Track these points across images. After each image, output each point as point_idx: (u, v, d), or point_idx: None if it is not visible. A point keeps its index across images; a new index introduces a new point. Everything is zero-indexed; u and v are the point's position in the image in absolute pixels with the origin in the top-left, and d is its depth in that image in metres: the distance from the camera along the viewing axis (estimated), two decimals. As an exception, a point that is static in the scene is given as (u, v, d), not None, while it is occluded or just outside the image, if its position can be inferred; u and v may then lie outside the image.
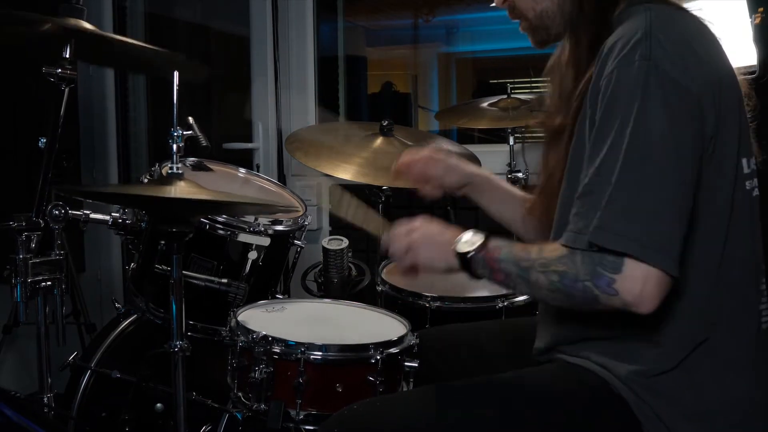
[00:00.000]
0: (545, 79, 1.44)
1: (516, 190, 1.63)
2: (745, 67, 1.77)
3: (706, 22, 1.24)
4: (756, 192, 1.24)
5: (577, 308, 1.18)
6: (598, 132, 1.14)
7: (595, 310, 1.14)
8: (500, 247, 1.23)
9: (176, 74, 1.46)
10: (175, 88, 1.47)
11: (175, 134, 1.48)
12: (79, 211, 1.87)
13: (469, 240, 1.26)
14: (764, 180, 1.27)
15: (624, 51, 1.13)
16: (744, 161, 1.21)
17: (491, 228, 1.71)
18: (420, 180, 1.64)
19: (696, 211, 1.13)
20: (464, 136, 3.51)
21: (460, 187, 1.63)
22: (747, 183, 1.22)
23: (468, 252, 1.24)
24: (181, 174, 1.48)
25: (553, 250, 1.16)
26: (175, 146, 1.48)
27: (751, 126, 1.26)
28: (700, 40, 1.19)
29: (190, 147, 1.71)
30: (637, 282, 1.07)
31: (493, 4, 1.42)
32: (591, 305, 1.12)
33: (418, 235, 1.32)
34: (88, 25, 1.85)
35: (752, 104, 1.27)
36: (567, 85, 1.30)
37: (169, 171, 1.48)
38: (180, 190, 1.44)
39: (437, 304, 1.92)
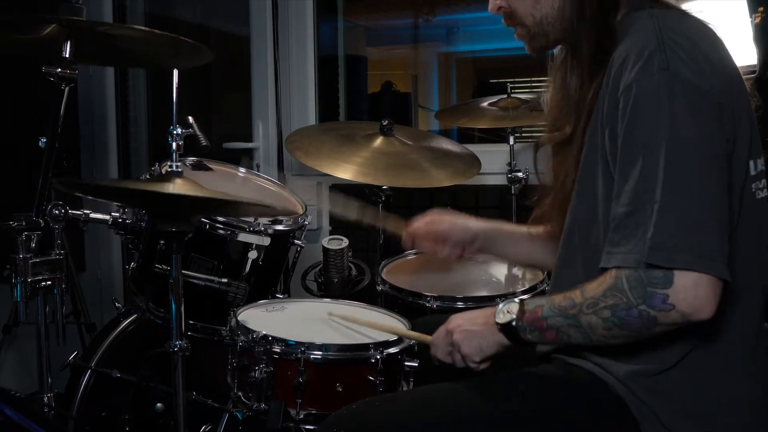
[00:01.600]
0: (546, 79, 1.43)
1: (522, 229, 1.64)
2: (745, 67, 1.78)
3: (710, 25, 1.24)
4: (762, 194, 1.24)
5: (637, 339, 1.15)
6: (626, 147, 1.13)
7: (657, 333, 1.12)
8: (540, 305, 1.21)
9: (176, 72, 1.46)
10: (175, 84, 1.46)
11: (175, 132, 1.48)
12: (79, 210, 1.87)
13: (504, 309, 1.26)
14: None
15: (640, 62, 1.12)
16: (751, 163, 1.21)
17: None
18: (431, 243, 1.66)
19: None
20: (464, 136, 3.51)
21: (471, 243, 1.64)
22: (753, 185, 1.22)
23: (510, 321, 1.24)
24: (180, 172, 1.48)
25: (597, 285, 1.14)
26: (174, 144, 1.48)
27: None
28: (708, 44, 1.19)
29: (190, 146, 1.71)
30: (690, 290, 1.06)
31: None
32: (651, 329, 1.11)
33: (457, 334, 1.33)
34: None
35: (755, 103, 1.27)
36: (572, 94, 1.30)
37: (169, 169, 1.48)
38: (178, 187, 1.43)
39: (437, 303, 1.92)
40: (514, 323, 1.24)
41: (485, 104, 2.66)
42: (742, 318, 1.21)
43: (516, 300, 1.26)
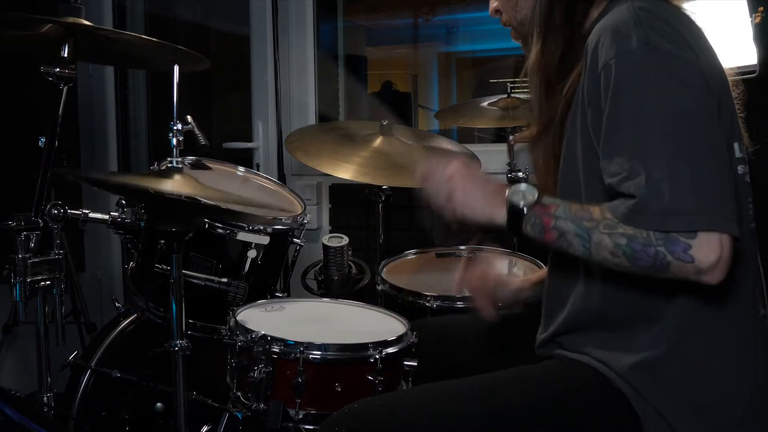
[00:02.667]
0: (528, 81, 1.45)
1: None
2: (745, 67, 1.77)
3: (689, 12, 1.25)
4: (747, 178, 1.25)
5: (637, 274, 1.11)
6: (612, 123, 1.12)
7: (658, 278, 1.09)
8: (556, 203, 1.16)
9: (176, 68, 1.45)
10: (175, 81, 1.46)
11: (175, 128, 1.48)
12: (78, 210, 1.87)
13: (523, 191, 1.17)
14: (764, 175, 1.28)
15: (618, 39, 1.12)
16: (735, 145, 1.22)
17: (489, 229, 1.72)
18: (481, 298, 1.56)
19: None
20: (464, 136, 3.51)
21: (518, 300, 1.59)
22: (739, 167, 1.23)
23: (520, 204, 1.16)
24: (181, 168, 1.48)
25: (621, 211, 1.10)
26: (174, 139, 1.47)
27: (740, 116, 1.27)
28: (686, 29, 1.19)
29: (189, 146, 1.71)
30: (714, 248, 1.04)
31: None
32: (658, 272, 1.08)
33: (458, 181, 1.23)
34: (86, 23, 1.85)
35: (738, 92, 1.28)
36: (537, 90, 1.32)
37: (169, 165, 1.48)
38: (178, 185, 1.43)
39: (437, 303, 1.92)
40: (523, 207, 1.16)
41: (485, 104, 2.66)
42: (736, 301, 1.21)
43: (536, 188, 1.18)
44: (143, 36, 1.94)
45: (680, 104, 1.09)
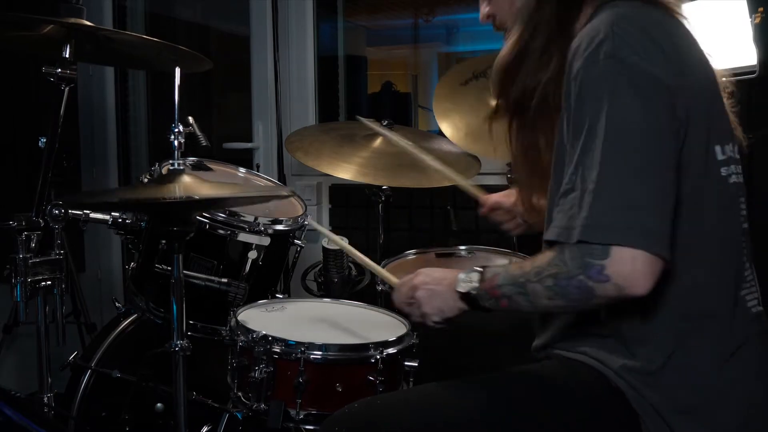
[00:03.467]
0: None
1: None
2: (745, 67, 1.78)
3: (677, 14, 1.25)
4: (734, 179, 1.25)
5: (578, 310, 1.19)
6: (573, 130, 1.16)
7: (594, 305, 1.15)
8: (497, 273, 1.24)
9: (177, 70, 1.46)
10: (177, 83, 1.46)
11: (176, 130, 1.48)
12: (78, 210, 1.86)
13: (466, 278, 1.29)
14: (764, 174, 1.28)
15: (588, 50, 1.14)
16: (717, 148, 1.22)
17: (491, 228, 1.72)
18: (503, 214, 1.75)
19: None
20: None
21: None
22: (723, 170, 1.23)
23: (469, 291, 1.27)
24: (183, 170, 1.48)
25: (543, 256, 1.17)
26: (176, 142, 1.47)
27: (734, 112, 1.28)
28: (663, 32, 1.19)
29: (190, 146, 1.71)
30: (626, 263, 1.07)
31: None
32: (589, 300, 1.13)
33: (420, 293, 1.36)
34: (88, 23, 1.85)
35: (728, 92, 1.29)
36: (515, 78, 1.33)
37: (171, 167, 1.48)
38: (182, 185, 1.43)
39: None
40: (474, 292, 1.27)
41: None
42: (728, 302, 1.22)
43: (478, 268, 1.28)
44: (144, 36, 1.94)
45: (629, 119, 1.10)
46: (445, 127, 2.31)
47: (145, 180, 1.95)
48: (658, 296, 1.16)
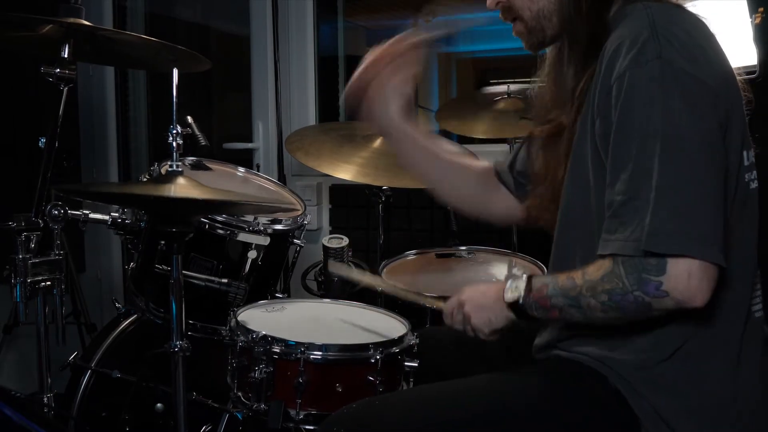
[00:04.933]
0: (541, 80, 1.44)
1: (466, 161, 1.62)
2: (745, 67, 1.77)
3: (703, 19, 1.24)
4: (754, 185, 1.25)
5: (633, 320, 1.17)
6: (620, 135, 1.14)
7: (652, 317, 1.14)
8: (546, 283, 1.24)
9: (175, 71, 1.46)
10: (175, 84, 1.46)
11: (174, 131, 1.48)
12: (78, 211, 1.86)
13: (513, 286, 1.28)
14: (763, 176, 1.28)
15: (633, 51, 1.13)
16: (745, 153, 1.22)
17: (491, 228, 1.72)
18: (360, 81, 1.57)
19: None
20: (464, 136, 3.50)
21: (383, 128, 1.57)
22: (746, 175, 1.23)
23: (517, 299, 1.26)
24: (181, 171, 1.48)
25: (596, 269, 1.16)
26: (174, 143, 1.47)
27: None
28: (702, 36, 1.19)
29: (190, 146, 1.71)
30: (683, 278, 1.07)
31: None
32: (646, 313, 1.13)
33: (468, 306, 1.37)
34: (86, 23, 1.85)
35: (746, 98, 1.28)
36: (566, 86, 1.30)
37: (169, 169, 1.48)
38: (179, 187, 1.43)
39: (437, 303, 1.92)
40: (521, 301, 1.26)
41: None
42: (734, 307, 1.22)
43: (523, 277, 1.28)
44: (143, 36, 1.94)
45: (682, 125, 1.09)
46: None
47: (145, 180, 1.95)
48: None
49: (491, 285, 1.37)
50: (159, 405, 1.94)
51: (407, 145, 1.57)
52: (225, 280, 1.85)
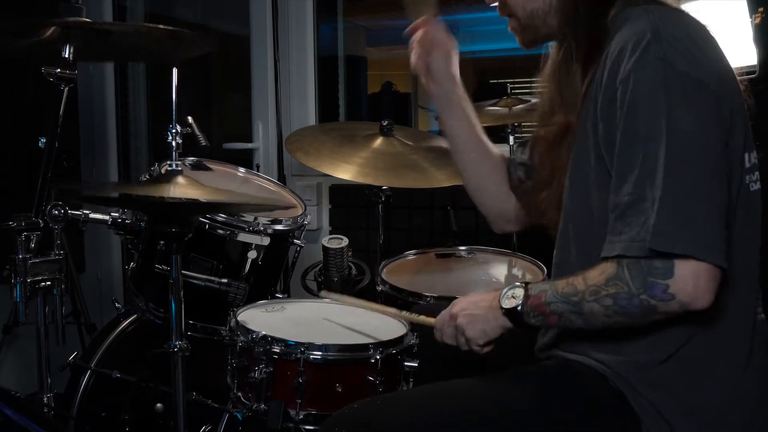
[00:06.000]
0: (543, 80, 1.44)
1: (491, 146, 1.62)
2: (745, 67, 1.77)
3: (704, 24, 1.24)
4: (755, 186, 1.25)
5: (637, 324, 1.17)
6: (625, 139, 1.14)
7: (654, 321, 1.14)
8: (544, 290, 1.23)
9: (175, 70, 1.46)
10: (174, 82, 1.46)
11: (174, 131, 1.48)
12: (78, 211, 1.86)
13: (510, 294, 1.27)
14: (763, 179, 1.28)
15: (636, 53, 1.13)
16: (747, 155, 1.22)
17: (490, 228, 1.72)
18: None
19: None
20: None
21: (442, 105, 1.60)
22: (747, 177, 1.23)
23: (516, 306, 1.25)
24: (180, 171, 1.48)
25: (599, 274, 1.15)
26: (174, 143, 1.47)
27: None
28: (703, 39, 1.19)
29: (190, 146, 1.70)
30: (689, 280, 1.08)
31: (495, 4, 1.41)
32: (651, 317, 1.13)
33: (461, 318, 1.34)
34: (86, 20, 1.85)
35: (749, 101, 1.28)
36: (568, 88, 1.30)
37: (169, 168, 1.48)
38: (179, 188, 1.43)
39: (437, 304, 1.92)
40: (519, 308, 1.25)
41: (485, 105, 2.66)
42: (737, 308, 1.22)
43: (520, 284, 1.27)
44: (144, 24, 1.91)
45: (686, 129, 1.10)
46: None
47: (145, 180, 1.95)
48: None
49: (483, 295, 1.35)
50: (159, 405, 1.94)
51: (458, 111, 1.58)
52: (225, 280, 1.85)
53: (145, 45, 2.07)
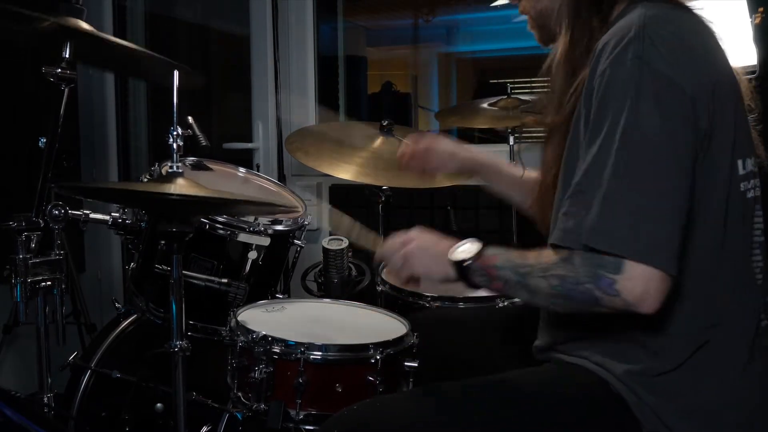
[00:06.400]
0: (544, 79, 1.44)
1: (517, 173, 1.67)
2: (745, 67, 1.78)
3: (706, 21, 1.24)
4: (752, 193, 1.24)
5: (576, 311, 1.18)
6: (591, 131, 1.15)
7: (595, 312, 1.14)
8: (497, 254, 1.23)
9: (176, 73, 1.46)
10: (175, 87, 1.47)
11: (175, 133, 1.48)
12: (78, 211, 1.87)
13: (465, 249, 1.26)
14: (763, 181, 1.27)
15: (617, 50, 1.13)
16: (739, 162, 1.21)
17: (491, 228, 1.72)
18: (422, 172, 1.72)
19: (692, 211, 1.13)
20: (464, 136, 3.51)
21: (464, 174, 1.69)
22: (741, 185, 1.21)
23: (464, 260, 1.24)
24: (181, 173, 1.48)
25: (550, 255, 1.16)
26: (175, 145, 1.47)
27: (756, 128, 1.26)
28: (695, 39, 1.19)
29: (190, 146, 1.70)
30: (638, 282, 1.07)
31: (496, 3, 1.42)
32: (592, 307, 1.12)
33: (413, 246, 1.33)
34: (87, 26, 1.85)
35: (755, 106, 1.27)
36: (561, 84, 1.30)
37: (169, 170, 1.48)
38: (180, 188, 1.43)
39: (437, 304, 1.92)
40: (467, 263, 1.24)
41: (485, 105, 2.66)
42: (741, 317, 1.21)
43: (479, 242, 1.26)
44: (141, 48, 1.92)
45: (647, 129, 1.09)
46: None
47: (145, 180, 1.95)
48: (670, 306, 1.14)
49: (444, 238, 1.34)
50: (159, 405, 1.94)
51: (497, 177, 1.69)
52: (225, 281, 1.85)
53: (141, 65, 2.07)
